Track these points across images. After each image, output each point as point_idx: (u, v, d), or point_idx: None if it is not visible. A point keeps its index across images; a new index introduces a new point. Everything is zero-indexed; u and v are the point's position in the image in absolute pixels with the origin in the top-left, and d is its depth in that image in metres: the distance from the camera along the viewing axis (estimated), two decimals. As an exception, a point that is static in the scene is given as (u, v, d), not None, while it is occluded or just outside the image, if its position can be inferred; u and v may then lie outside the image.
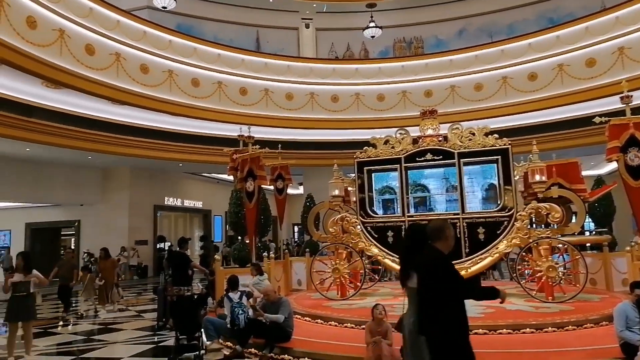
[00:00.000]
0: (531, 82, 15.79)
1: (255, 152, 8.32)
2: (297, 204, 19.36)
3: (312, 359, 5.58)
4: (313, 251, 11.23)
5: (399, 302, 8.20)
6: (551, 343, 5.63)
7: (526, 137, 13.39)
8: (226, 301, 6.64)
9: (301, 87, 17.62)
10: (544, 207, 8.17)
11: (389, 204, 9.65)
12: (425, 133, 9.54)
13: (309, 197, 12.91)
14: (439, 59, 17.45)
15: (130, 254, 19.41)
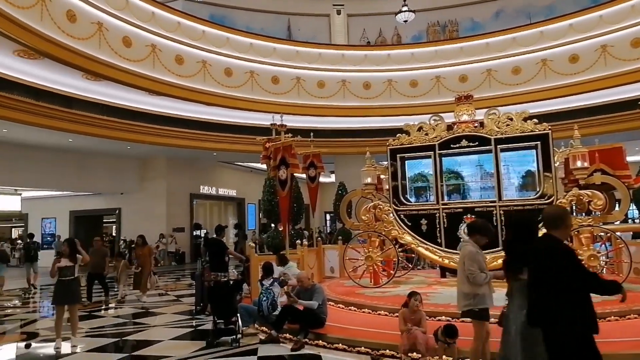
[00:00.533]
0: (572, 64, 15.12)
1: (287, 140, 8.36)
2: (329, 192, 19.44)
3: (346, 345, 5.62)
4: (345, 239, 11.26)
5: (433, 291, 8.18)
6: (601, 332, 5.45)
7: (567, 121, 12.91)
8: (259, 287, 6.78)
9: (333, 74, 17.52)
10: (586, 194, 7.88)
11: (422, 192, 9.53)
12: (460, 119, 9.34)
13: (340, 185, 12.93)
14: (475, 42, 16.94)
15: (169, 241, 20.03)
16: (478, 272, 4.22)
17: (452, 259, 8.78)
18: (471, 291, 4.25)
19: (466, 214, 8.82)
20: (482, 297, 4.23)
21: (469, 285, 4.26)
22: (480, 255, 4.36)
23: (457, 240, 8.78)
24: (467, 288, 4.29)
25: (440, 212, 9.06)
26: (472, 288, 4.25)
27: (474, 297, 4.24)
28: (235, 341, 6.13)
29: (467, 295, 4.28)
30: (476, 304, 4.23)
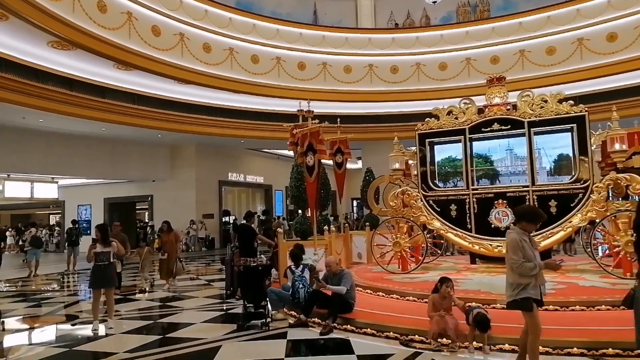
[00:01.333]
0: (610, 43, 14.45)
1: (314, 126, 8.34)
2: (356, 178, 19.33)
3: (375, 330, 5.62)
4: (373, 225, 11.21)
5: (463, 277, 8.08)
6: (630, 321, 5.26)
7: (605, 103, 12.41)
8: (289, 274, 6.84)
9: (360, 59, 17.31)
10: (624, 178, 7.58)
11: (451, 177, 9.36)
12: (491, 102, 9.10)
13: (368, 171, 12.80)
14: (507, 22, 16.38)
15: (199, 227, 20.45)
16: (522, 261, 4.02)
17: (482, 245, 8.64)
18: (515, 281, 4.10)
19: (497, 200, 8.63)
20: (524, 286, 4.06)
21: (513, 275, 4.11)
22: (527, 243, 4.13)
23: (487, 226, 8.63)
24: (511, 277, 4.14)
25: (471, 198, 8.89)
26: (516, 278, 4.09)
27: (517, 287, 4.09)
28: (265, 325, 6.23)
29: (511, 285, 4.13)
30: (518, 294, 4.08)
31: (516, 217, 4.41)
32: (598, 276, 7.44)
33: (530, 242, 4.17)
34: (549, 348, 4.72)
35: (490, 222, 8.63)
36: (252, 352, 5.28)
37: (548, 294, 6.32)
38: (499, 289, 6.73)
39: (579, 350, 4.66)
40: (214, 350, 5.38)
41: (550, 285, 6.89)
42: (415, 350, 5.04)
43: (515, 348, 4.82)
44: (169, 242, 10.45)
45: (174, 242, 10.53)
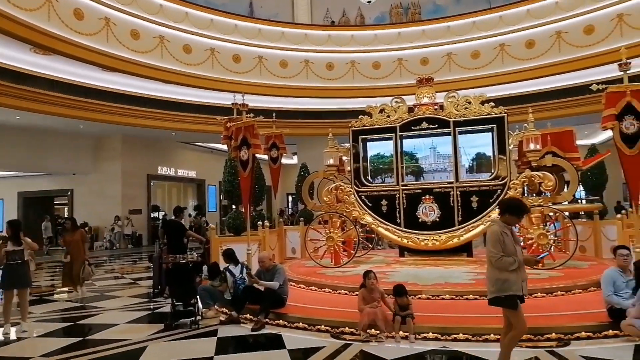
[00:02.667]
0: (528, 49, 15.59)
1: (249, 120, 8.21)
2: (291, 173, 19.38)
3: (307, 324, 5.67)
4: (307, 220, 11.30)
5: (392, 270, 8.36)
6: (541, 308, 5.75)
7: (522, 105, 13.34)
8: (229, 276, 6.67)
9: (296, 54, 17.30)
10: (537, 176, 8.21)
11: (383, 173, 9.64)
12: (421, 101, 9.46)
13: (303, 167, 12.87)
14: (436, 25, 17.13)
15: (125, 223, 19.47)
16: (500, 255, 3.84)
17: (410, 238, 8.99)
18: (494, 276, 3.92)
19: (424, 195, 9.02)
20: (507, 282, 3.85)
21: (493, 270, 3.94)
22: (508, 237, 3.92)
23: (415, 220, 8.99)
24: (491, 272, 3.98)
25: (400, 193, 9.22)
26: (495, 273, 3.91)
27: (497, 283, 3.89)
28: (194, 323, 6.07)
29: (492, 281, 3.96)
30: (501, 291, 3.87)
31: (500, 209, 4.19)
32: (513, 266, 7.99)
33: (512, 236, 3.99)
34: (469, 335, 5.02)
35: (418, 216, 9.00)
36: (180, 351, 5.13)
37: (467, 284, 6.77)
38: (424, 280, 7.09)
39: (495, 336, 4.94)
40: (139, 351, 5.16)
41: (471, 275, 7.35)
42: (346, 342, 5.15)
43: (439, 336, 5.09)
44: (73, 242, 8.93)
45: (80, 242, 8.99)
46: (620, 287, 5.15)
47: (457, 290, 6.46)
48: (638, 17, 13.54)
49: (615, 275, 5.24)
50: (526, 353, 4.61)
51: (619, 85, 6.35)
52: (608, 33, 14.01)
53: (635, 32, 13.48)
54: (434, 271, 7.93)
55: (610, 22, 14.02)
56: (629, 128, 6.22)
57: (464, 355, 4.69)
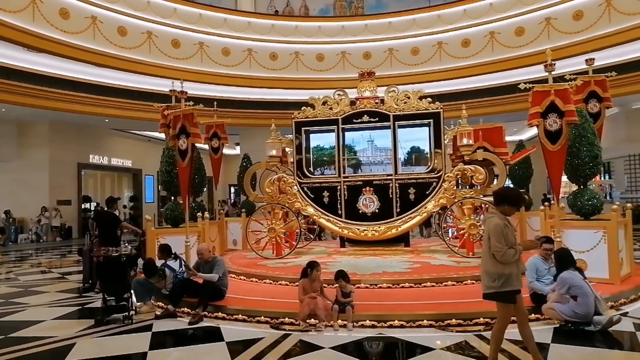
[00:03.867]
0: (464, 48, 16.29)
1: (188, 108, 7.95)
2: (234, 164, 19.04)
3: (246, 316, 5.63)
4: (249, 211, 11.18)
5: (332, 260, 8.48)
6: (470, 294, 6.08)
7: (457, 102, 13.92)
8: (168, 272, 6.45)
9: (238, 42, 16.99)
10: (470, 169, 8.63)
11: (325, 165, 9.72)
12: (362, 95, 9.61)
13: (245, 158, 12.69)
14: (378, 20, 17.46)
15: (52, 215, 18.29)
16: (506, 249, 3.69)
17: (351, 229, 9.16)
18: (496, 271, 3.75)
19: (365, 187, 9.21)
20: (508, 278, 3.74)
21: (494, 264, 3.76)
22: (508, 228, 3.78)
23: (356, 211, 9.16)
24: (491, 267, 3.79)
25: (342, 185, 9.34)
26: (497, 267, 3.75)
27: (499, 279, 3.74)
28: (127, 318, 5.83)
29: (492, 276, 3.79)
30: (502, 286, 3.74)
31: (497, 199, 3.99)
32: (447, 256, 8.40)
33: (510, 227, 3.84)
34: (403, 321, 5.21)
35: (359, 208, 9.18)
36: (111, 347, 4.91)
37: (404, 273, 7.01)
38: (363, 270, 7.25)
39: (428, 322, 5.20)
40: (66, 348, 4.88)
41: (407, 265, 7.62)
42: (285, 332, 5.17)
43: (375, 323, 5.24)
44: None
45: None
46: (543, 274, 5.54)
47: (394, 279, 6.67)
48: (564, 21, 14.54)
49: (538, 263, 5.62)
50: (456, 337, 4.86)
51: (544, 85, 6.78)
52: (537, 35, 14.94)
53: (561, 35, 14.48)
54: (373, 261, 8.13)
55: (539, 25, 14.96)
56: (552, 125, 6.67)
57: (399, 341, 4.86)
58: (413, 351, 4.57)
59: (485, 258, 3.87)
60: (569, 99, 6.67)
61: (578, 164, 6.93)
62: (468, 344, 4.64)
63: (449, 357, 4.41)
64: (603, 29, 13.88)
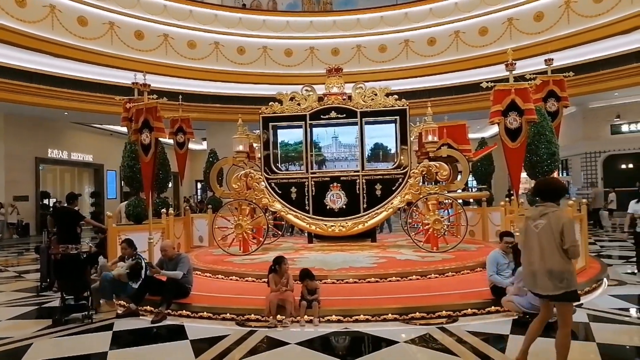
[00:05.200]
0: (430, 47, 16.56)
1: (151, 102, 7.75)
2: (200, 159, 18.77)
3: (211, 313, 5.56)
4: (215, 208, 11.03)
5: (300, 256, 8.48)
6: (434, 288, 6.22)
7: (423, 99, 14.16)
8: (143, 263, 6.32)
9: (205, 35, 16.68)
10: (434, 166, 8.80)
11: (292, 161, 9.70)
12: (330, 91, 9.63)
13: (212, 153, 12.51)
14: (347, 17, 17.51)
15: (8, 211, 17.51)
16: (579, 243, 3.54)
17: (318, 225, 9.19)
18: (566, 268, 3.53)
19: (332, 183, 9.25)
20: (573, 275, 3.58)
21: (564, 262, 3.53)
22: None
23: (323, 207, 9.19)
24: (561, 265, 3.52)
25: (309, 181, 9.35)
26: (567, 265, 3.53)
27: (568, 277, 3.53)
28: (87, 317, 5.66)
29: (561, 274, 3.52)
30: (570, 285, 3.53)
31: (553, 193, 3.75)
32: (412, 250, 8.55)
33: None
34: (368, 316, 5.27)
35: (326, 204, 9.22)
36: (70, 347, 4.76)
37: (370, 268, 7.10)
38: (330, 265, 7.29)
39: (393, 316, 5.29)
40: (22, 349, 4.69)
41: (374, 260, 7.71)
42: (251, 329, 5.14)
43: (341, 318, 5.28)
44: None
45: None
46: (502, 268, 5.72)
47: (360, 274, 6.74)
48: (525, 21, 14.99)
49: (498, 256, 5.80)
50: (419, 330, 4.96)
51: (505, 84, 6.98)
52: (499, 35, 15.35)
53: (522, 35, 14.94)
54: (340, 256, 8.18)
55: (501, 25, 15.37)
56: (513, 123, 6.88)
57: (365, 335, 4.92)
58: (378, 345, 4.64)
59: (551, 256, 3.55)
60: (529, 98, 6.90)
61: (536, 161, 7.19)
62: (431, 337, 4.75)
63: (413, 350, 4.49)
64: (562, 30, 14.41)
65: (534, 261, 3.65)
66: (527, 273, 3.79)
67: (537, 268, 3.63)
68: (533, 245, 3.66)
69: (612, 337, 4.59)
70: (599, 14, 13.45)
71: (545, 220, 3.60)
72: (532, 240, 3.67)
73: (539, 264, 3.62)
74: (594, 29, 13.57)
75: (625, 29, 12.82)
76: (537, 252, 3.62)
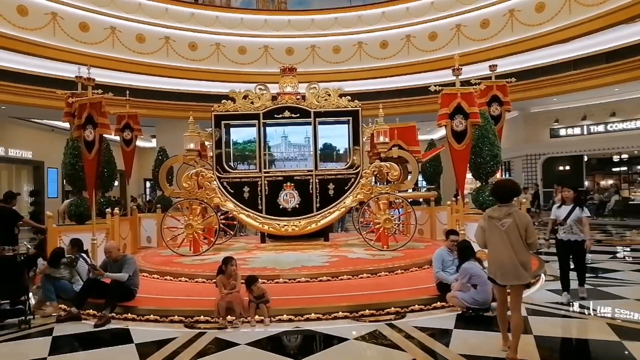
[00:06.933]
0: (383, 49, 16.89)
1: (96, 96, 7.43)
2: (150, 157, 18.16)
3: (158, 316, 5.40)
4: (165, 207, 10.73)
5: (252, 256, 8.42)
6: (383, 285, 6.36)
7: (375, 101, 14.41)
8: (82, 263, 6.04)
9: (155, 29, 16.18)
10: (386, 166, 8.99)
11: (245, 160, 9.61)
12: (284, 90, 9.62)
13: (161, 151, 12.15)
14: (301, 17, 17.53)
15: None
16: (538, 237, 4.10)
17: (271, 225, 9.15)
18: (529, 259, 4.05)
19: (286, 182, 9.24)
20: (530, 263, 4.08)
21: (528, 254, 4.05)
22: None
23: (276, 207, 9.17)
24: (526, 256, 4.01)
25: (262, 180, 9.29)
26: (529, 256, 4.05)
27: (531, 266, 4.09)
28: (24, 322, 5.35)
29: (527, 265, 4.02)
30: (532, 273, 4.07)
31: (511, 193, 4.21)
32: (363, 249, 8.69)
33: None
34: (320, 314, 5.31)
35: (279, 203, 9.20)
36: (6, 354, 4.49)
37: (322, 266, 7.15)
38: (282, 265, 7.29)
39: (343, 314, 5.36)
40: (-51, 361, 4.38)
41: (326, 258, 7.78)
42: (200, 330, 5.04)
43: (293, 317, 5.29)
44: None
45: None
46: (447, 265, 5.94)
47: (312, 273, 6.78)
48: (472, 28, 15.60)
49: (444, 254, 6.02)
50: (368, 327, 5.05)
51: (452, 88, 7.25)
52: (448, 41, 15.89)
53: (469, 42, 15.54)
54: (292, 256, 8.20)
55: (450, 31, 15.91)
56: (459, 126, 7.17)
57: (316, 333, 4.95)
58: (329, 342, 4.69)
59: (520, 250, 3.97)
60: (474, 102, 7.20)
61: (480, 163, 7.51)
62: (380, 333, 4.85)
63: (363, 346, 4.57)
64: (506, 37, 15.11)
65: (504, 256, 4.04)
66: (494, 265, 4.15)
67: (509, 261, 4.01)
68: (499, 242, 4.07)
69: (548, 330, 4.87)
70: (540, 23, 14.22)
71: (511, 219, 4.01)
72: (497, 237, 4.08)
73: (510, 258, 3.99)
74: (536, 38, 14.33)
75: (564, 38, 13.62)
76: (508, 247, 4.01)
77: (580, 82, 15.31)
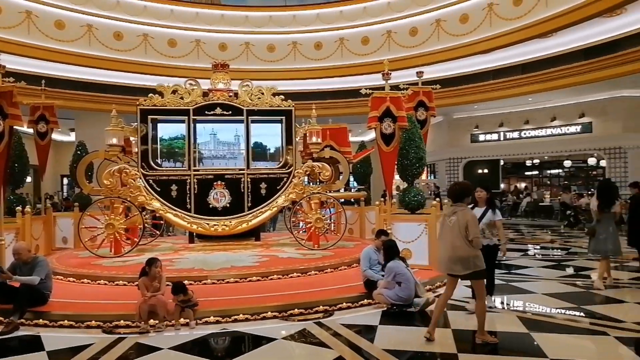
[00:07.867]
0: (317, 50, 17.04)
1: (6, 85, 6.81)
2: (67, 152, 16.97)
3: (73, 321, 5.06)
4: (83, 206, 10.07)
5: (180, 256, 8.15)
6: (313, 284, 6.43)
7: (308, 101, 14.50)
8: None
9: (75, 15, 15.09)
10: (318, 166, 9.09)
11: (173, 157, 9.26)
12: (216, 87, 9.40)
13: (80, 145, 11.37)
14: (235, 12, 17.22)
15: None
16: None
17: (200, 224, 8.90)
18: (470, 254, 4.37)
19: (216, 181, 9.03)
20: (479, 258, 4.41)
21: (468, 249, 4.36)
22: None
23: (206, 206, 8.93)
24: (465, 252, 4.37)
25: (192, 178, 9.02)
26: (470, 252, 4.37)
27: (474, 260, 4.38)
28: None
29: (466, 259, 4.37)
30: (477, 266, 4.39)
31: (461, 194, 4.59)
32: (294, 249, 8.72)
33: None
34: (248, 315, 5.25)
35: (209, 202, 8.97)
36: None
37: (252, 267, 7.09)
38: (211, 265, 7.13)
39: (272, 313, 5.34)
40: None
41: (256, 258, 7.71)
42: (120, 336, 4.79)
43: (220, 319, 5.18)
44: None
45: None
46: (374, 263, 6.12)
47: (241, 273, 6.70)
48: (402, 35, 16.17)
49: (371, 252, 6.20)
50: (297, 326, 5.08)
51: (382, 92, 7.48)
52: (379, 46, 16.37)
53: (399, 48, 16.10)
54: (222, 256, 8.04)
55: (381, 37, 16.40)
56: (387, 129, 7.42)
57: (244, 334, 4.89)
58: (257, 343, 4.65)
59: (459, 245, 4.39)
60: (402, 106, 7.50)
61: (407, 164, 7.82)
62: (309, 332, 4.89)
63: (292, 345, 4.59)
64: (433, 46, 15.82)
65: (443, 249, 4.59)
66: (440, 259, 4.68)
67: (444, 254, 4.55)
68: (447, 238, 4.52)
69: (465, 323, 5.18)
70: (464, 33, 15.04)
71: (456, 217, 4.48)
72: (446, 233, 4.53)
73: (446, 251, 4.52)
74: (459, 47, 15.13)
75: (485, 49, 14.52)
76: (448, 242, 4.49)
77: (498, 90, 16.43)
